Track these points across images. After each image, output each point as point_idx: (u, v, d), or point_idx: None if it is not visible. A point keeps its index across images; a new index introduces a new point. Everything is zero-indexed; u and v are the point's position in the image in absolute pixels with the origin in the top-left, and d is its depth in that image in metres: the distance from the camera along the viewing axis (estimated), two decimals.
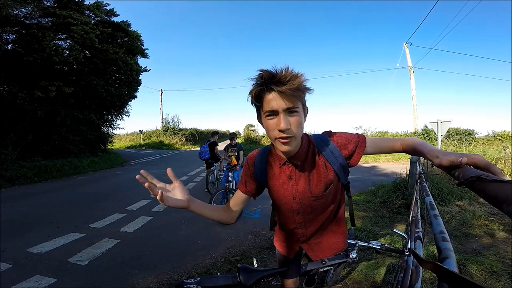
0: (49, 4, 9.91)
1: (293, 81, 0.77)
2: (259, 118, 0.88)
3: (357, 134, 0.97)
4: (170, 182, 0.86)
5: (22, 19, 9.32)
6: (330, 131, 0.98)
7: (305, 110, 0.88)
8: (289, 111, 0.80)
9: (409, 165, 4.90)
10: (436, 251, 0.48)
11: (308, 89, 0.82)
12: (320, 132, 1.02)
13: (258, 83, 0.81)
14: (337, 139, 0.95)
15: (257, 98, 0.82)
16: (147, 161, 13.78)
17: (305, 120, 0.87)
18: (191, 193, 0.88)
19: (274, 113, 0.80)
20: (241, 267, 0.98)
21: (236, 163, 4.72)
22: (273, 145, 0.95)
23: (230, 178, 4.46)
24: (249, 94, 0.83)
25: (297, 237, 1.09)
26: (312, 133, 1.03)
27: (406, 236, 1.33)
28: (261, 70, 0.80)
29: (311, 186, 0.95)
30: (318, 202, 0.98)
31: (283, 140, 0.82)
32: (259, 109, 0.86)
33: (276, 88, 0.77)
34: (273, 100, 0.79)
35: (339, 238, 1.12)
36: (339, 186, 1.03)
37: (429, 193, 1.08)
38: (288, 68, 0.79)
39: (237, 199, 1.07)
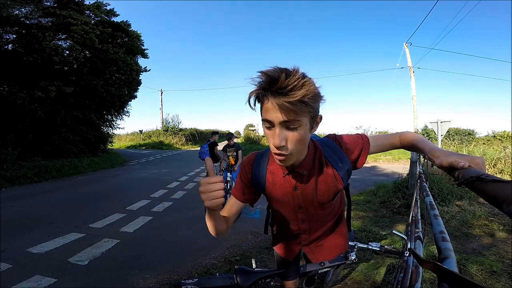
0: (49, 4, 9.91)
1: (296, 91, 0.63)
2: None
3: (359, 135, 0.92)
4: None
5: (22, 19, 9.32)
6: (335, 135, 0.93)
7: (315, 120, 0.75)
8: (287, 126, 0.69)
9: (409, 165, 4.90)
10: (436, 251, 0.48)
11: (316, 100, 0.69)
12: (322, 135, 0.98)
13: (257, 87, 0.70)
14: (343, 143, 0.89)
15: (255, 102, 0.73)
16: (147, 161, 13.75)
17: (314, 130, 0.77)
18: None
19: (270, 124, 0.70)
20: (238, 268, 0.96)
21: (233, 164, 4.73)
22: None
23: (228, 179, 4.48)
24: (248, 96, 0.74)
25: (299, 240, 1.07)
26: (313, 133, 1.00)
27: (405, 237, 1.32)
28: (261, 72, 0.67)
29: (318, 195, 0.88)
30: (325, 210, 0.95)
31: (277, 157, 0.74)
32: (261, 110, 0.77)
33: (272, 100, 0.65)
34: (270, 110, 0.67)
35: (340, 241, 1.10)
36: (342, 190, 1.01)
37: (429, 193, 1.08)
38: (297, 72, 0.66)
39: (233, 207, 0.95)
